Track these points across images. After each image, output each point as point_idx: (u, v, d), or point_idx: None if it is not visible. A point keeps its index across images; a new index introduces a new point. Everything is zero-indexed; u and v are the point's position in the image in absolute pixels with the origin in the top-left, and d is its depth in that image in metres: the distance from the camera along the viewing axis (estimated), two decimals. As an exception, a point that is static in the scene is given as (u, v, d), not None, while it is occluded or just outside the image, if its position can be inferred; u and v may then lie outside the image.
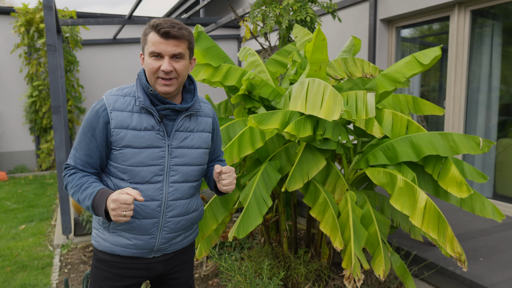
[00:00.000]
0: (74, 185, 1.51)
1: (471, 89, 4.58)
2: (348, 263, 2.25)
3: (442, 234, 2.07)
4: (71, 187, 1.52)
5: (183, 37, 1.49)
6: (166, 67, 1.47)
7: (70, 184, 1.52)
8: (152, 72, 1.49)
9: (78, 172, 1.53)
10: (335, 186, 2.73)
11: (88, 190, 1.47)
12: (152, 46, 1.47)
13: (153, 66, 1.48)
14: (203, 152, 1.68)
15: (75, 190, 1.50)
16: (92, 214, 1.51)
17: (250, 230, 2.09)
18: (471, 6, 4.40)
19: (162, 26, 1.46)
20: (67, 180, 1.54)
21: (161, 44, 1.46)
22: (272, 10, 4.18)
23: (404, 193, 2.29)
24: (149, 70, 1.50)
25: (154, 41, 1.47)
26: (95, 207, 1.45)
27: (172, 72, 1.50)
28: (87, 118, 1.54)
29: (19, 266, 3.65)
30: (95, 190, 1.46)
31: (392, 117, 2.82)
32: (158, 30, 1.46)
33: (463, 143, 2.49)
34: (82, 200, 1.48)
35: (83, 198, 1.47)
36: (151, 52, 1.48)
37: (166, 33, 1.46)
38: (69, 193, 1.55)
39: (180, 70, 1.51)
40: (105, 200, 1.42)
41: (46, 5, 3.90)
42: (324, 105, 2.09)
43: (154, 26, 1.47)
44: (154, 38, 1.47)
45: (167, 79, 1.50)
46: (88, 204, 1.46)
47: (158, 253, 1.64)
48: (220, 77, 2.83)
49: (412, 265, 3.13)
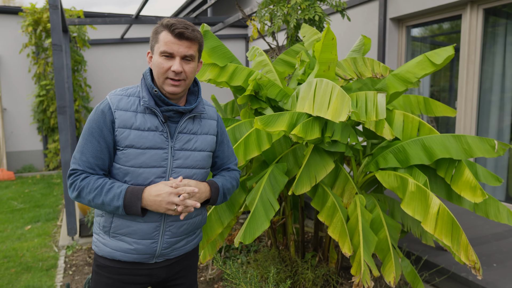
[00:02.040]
0: (92, 188, 1.44)
1: (483, 90, 4.47)
2: (357, 269, 2.18)
3: (456, 241, 1.99)
4: (88, 192, 1.44)
5: (195, 39, 1.47)
6: (177, 68, 1.43)
7: (87, 189, 1.44)
8: (161, 72, 1.46)
9: (90, 176, 1.47)
10: (344, 190, 2.65)
11: (114, 190, 1.44)
12: (164, 46, 1.43)
13: (163, 66, 1.45)
14: (206, 155, 1.63)
15: (96, 194, 1.43)
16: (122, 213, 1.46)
17: (256, 235, 2.03)
18: (484, 4, 4.29)
19: (177, 26, 1.42)
20: (80, 185, 1.45)
21: (174, 44, 1.43)
22: (280, 9, 4.11)
23: (416, 197, 2.21)
24: (159, 69, 1.46)
25: (166, 41, 1.43)
26: (127, 205, 1.43)
27: (182, 74, 1.46)
28: (92, 119, 1.49)
29: (24, 267, 3.62)
30: (122, 189, 1.44)
31: (403, 118, 2.74)
32: (172, 30, 1.42)
33: (478, 146, 2.40)
34: (109, 202, 1.43)
35: (109, 199, 1.43)
36: (162, 52, 1.44)
37: (180, 34, 1.42)
38: (84, 199, 1.45)
39: (189, 72, 1.48)
40: (140, 197, 1.43)
41: (52, 4, 3.88)
42: (332, 106, 2.02)
43: (168, 25, 1.43)
44: (167, 38, 1.43)
45: (176, 80, 1.47)
46: (118, 204, 1.42)
47: (160, 258, 1.59)
48: (226, 77, 2.77)
49: (423, 271, 3.04)
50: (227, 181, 1.70)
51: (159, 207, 1.43)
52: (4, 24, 8.02)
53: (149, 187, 1.45)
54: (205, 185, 1.59)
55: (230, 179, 1.73)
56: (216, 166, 1.76)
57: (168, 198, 1.43)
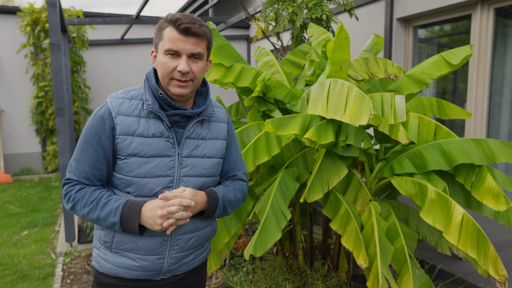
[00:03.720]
0: (87, 202, 1.31)
1: (493, 91, 4.34)
2: (374, 282, 2.04)
3: (483, 253, 1.85)
4: (83, 206, 1.32)
5: (204, 35, 1.33)
6: (184, 68, 1.29)
7: (82, 202, 1.32)
8: (166, 72, 1.31)
9: (86, 187, 1.34)
10: (357, 196, 2.52)
11: (110, 204, 1.30)
12: (169, 43, 1.29)
13: (168, 66, 1.30)
14: (216, 162, 1.49)
15: (91, 208, 1.31)
16: (118, 230, 1.32)
17: (268, 247, 1.89)
18: (495, 4, 4.17)
19: (182, 21, 1.28)
20: (75, 198, 1.33)
21: (180, 42, 1.29)
22: (285, 8, 3.98)
23: (437, 205, 2.07)
24: (163, 69, 1.32)
25: (171, 37, 1.29)
26: (124, 222, 1.29)
27: (189, 74, 1.32)
28: (90, 125, 1.35)
29: (20, 275, 3.48)
30: (120, 203, 1.29)
31: (418, 121, 2.61)
32: (177, 26, 1.28)
33: (500, 150, 2.27)
34: (104, 217, 1.30)
35: (105, 215, 1.29)
36: (167, 50, 1.30)
37: (186, 30, 1.28)
38: (79, 213, 1.34)
39: (197, 72, 1.34)
40: (139, 213, 1.28)
41: (50, 2, 3.75)
42: (349, 108, 1.89)
43: (173, 20, 1.29)
44: (172, 34, 1.29)
45: (182, 81, 1.32)
46: (114, 221, 1.28)
47: (167, 274, 1.45)
48: (232, 78, 2.64)
49: (438, 280, 2.91)
50: (230, 193, 1.51)
51: (152, 226, 1.28)
52: (2, 24, 7.88)
53: (147, 203, 1.30)
54: (202, 194, 1.41)
55: (234, 190, 1.54)
56: (221, 173, 1.58)
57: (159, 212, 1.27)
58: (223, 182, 1.58)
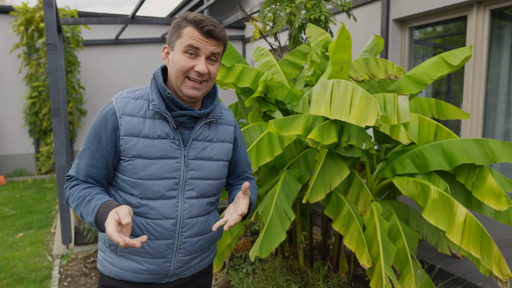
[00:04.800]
0: (75, 198, 1.30)
1: (489, 92, 4.38)
2: (377, 282, 2.04)
3: (487, 253, 1.86)
4: (72, 201, 1.32)
5: (223, 39, 1.32)
6: (203, 69, 1.28)
7: (71, 198, 1.32)
8: (182, 70, 1.29)
9: (80, 184, 1.33)
10: (358, 197, 2.52)
11: (91, 203, 1.26)
12: (190, 40, 1.27)
13: (185, 64, 1.28)
14: (222, 165, 1.47)
15: (77, 204, 1.30)
16: (97, 230, 1.30)
17: (273, 248, 1.89)
18: (491, 5, 4.21)
19: (206, 23, 1.26)
20: (68, 193, 1.34)
21: (201, 42, 1.27)
22: (283, 8, 3.98)
23: (439, 206, 2.08)
24: (180, 67, 1.29)
25: (193, 36, 1.27)
26: (99, 223, 1.23)
27: (206, 75, 1.30)
28: (93, 123, 1.34)
29: (16, 279, 3.43)
30: (98, 203, 1.25)
31: (419, 122, 2.62)
32: (200, 27, 1.26)
33: (501, 150, 2.29)
34: (85, 215, 1.28)
35: (86, 212, 1.26)
36: (188, 46, 1.27)
37: (209, 32, 1.27)
38: (71, 207, 1.34)
39: (213, 74, 1.33)
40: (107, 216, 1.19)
41: (46, 2, 3.70)
42: (355, 109, 1.89)
43: (196, 21, 1.27)
44: (194, 34, 1.27)
45: (198, 82, 1.30)
46: (90, 220, 1.24)
47: (173, 277, 1.43)
48: (233, 78, 2.63)
49: (437, 279, 2.92)
50: (254, 194, 1.56)
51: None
52: (-6, 24, 7.79)
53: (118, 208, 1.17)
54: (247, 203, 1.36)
55: (255, 190, 1.58)
56: (234, 174, 1.61)
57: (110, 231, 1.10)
58: (239, 183, 1.59)
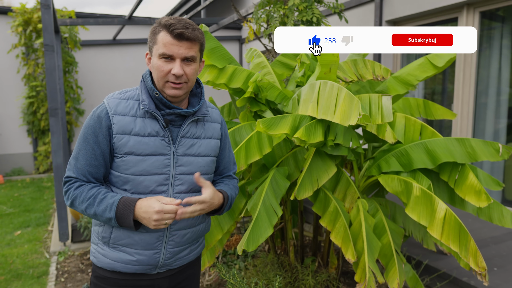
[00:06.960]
0: (85, 198, 1.38)
1: (479, 92, 4.47)
2: (361, 276, 2.12)
3: (464, 247, 1.95)
4: (81, 201, 1.39)
5: (196, 39, 1.38)
6: (178, 71, 1.35)
7: (80, 199, 1.39)
8: (161, 75, 1.38)
9: (85, 184, 1.41)
10: (346, 194, 2.60)
11: (106, 200, 1.36)
12: (163, 47, 1.35)
13: (163, 69, 1.37)
14: (210, 161, 1.56)
15: (88, 204, 1.37)
16: (114, 225, 1.39)
17: (260, 242, 1.97)
18: (481, 7, 4.30)
19: (176, 26, 1.33)
20: (74, 194, 1.40)
21: (173, 46, 1.34)
22: (277, 10, 4.06)
23: (421, 202, 2.16)
24: (158, 73, 1.38)
25: (165, 42, 1.34)
26: (119, 217, 1.35)
27: (183, 77, 1.38)
28: (87, 124, 1.42)
29: (14, 275, 3.51)
30: (115, 199, 1.36)
31: (405, 121, 2.70)
32: (171, 31, 1.34)
33: (482, 149, 2.37)
34: (101, 213, 1.36)
35: (101, 210, 1.36)
36: (161, 54, 1.35)
37: (180, 35, 1.34)
38: (78, 208, 1.41)
39: (190, 75, 1.40)
40: (133, 209, 1.34)
41: (43, 3, 3.78)
42: (339, 109, 1.97)
43: (167, 25, 1.34)
44: (165, 39, 1.34)
45: (177, 83, 1.39)
46: (110, 216, 1.35)
47: (163, 268, 1.52)
48: (225, 79, 2.71)
49: (424, 275, 3.00)
50: (232, 191, 1.63)
51: (148, 224, 1.34)
52: (-7, 24, 7.86)
53: (141, 200, 1.36)
54: (219, 196, 1.51)
55: (234, 188, 1.66)
56: (217, 172, 1.68)
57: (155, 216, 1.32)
58: (221, 180, 1.67)
